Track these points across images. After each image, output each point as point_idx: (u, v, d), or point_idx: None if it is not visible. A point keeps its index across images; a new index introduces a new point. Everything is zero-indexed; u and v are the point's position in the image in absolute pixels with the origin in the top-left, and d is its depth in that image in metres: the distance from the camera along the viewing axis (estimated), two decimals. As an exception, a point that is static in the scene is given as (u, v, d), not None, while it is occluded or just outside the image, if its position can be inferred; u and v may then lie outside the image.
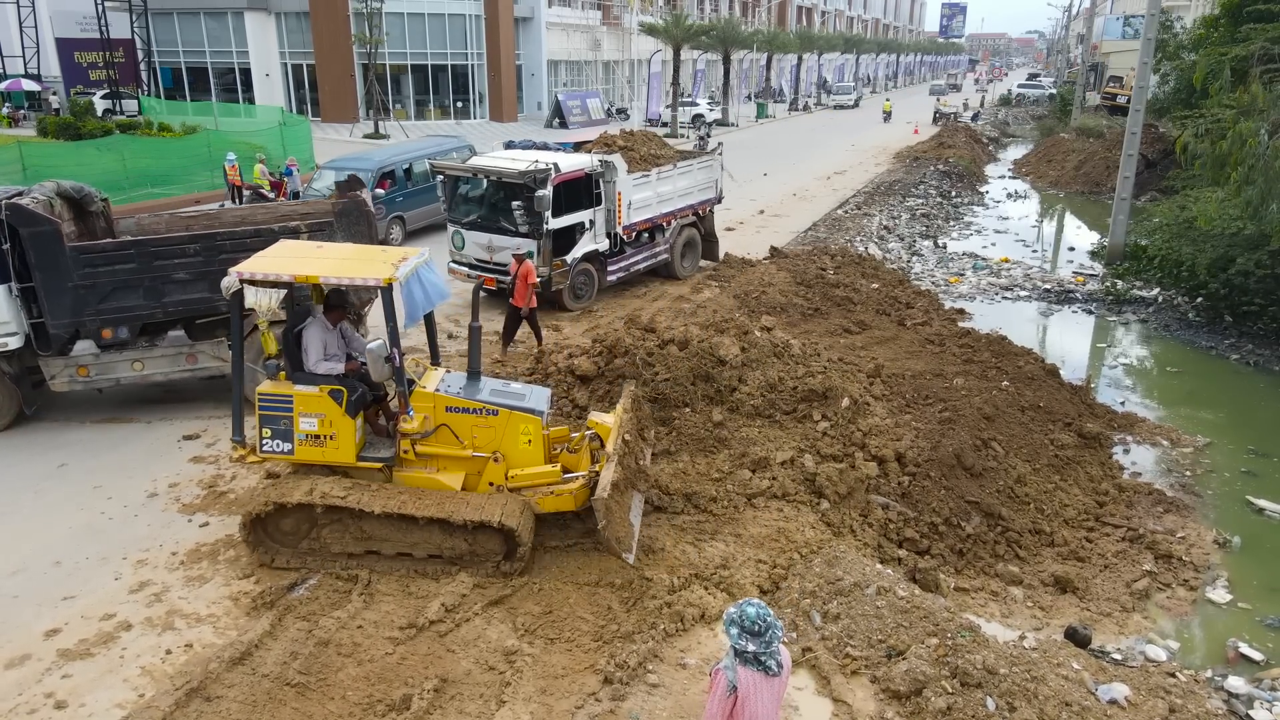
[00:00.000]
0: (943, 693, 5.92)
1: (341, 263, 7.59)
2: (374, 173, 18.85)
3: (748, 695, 4.45)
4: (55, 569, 7.51)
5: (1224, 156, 13.13)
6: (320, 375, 7.41)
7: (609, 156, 14.87)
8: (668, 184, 16.20)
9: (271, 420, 7.33)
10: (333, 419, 7.29)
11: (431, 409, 7.49)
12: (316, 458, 7.42)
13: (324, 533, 7.35)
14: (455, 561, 7.36)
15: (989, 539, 8.62)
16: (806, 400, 9.59)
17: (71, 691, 6.08)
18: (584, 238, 14.61)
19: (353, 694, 6.03)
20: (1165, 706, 6.30)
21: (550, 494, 7.59)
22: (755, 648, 4.41)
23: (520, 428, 7.58)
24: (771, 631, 4.43)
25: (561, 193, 13.84)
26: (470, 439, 7.56)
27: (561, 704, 5.96)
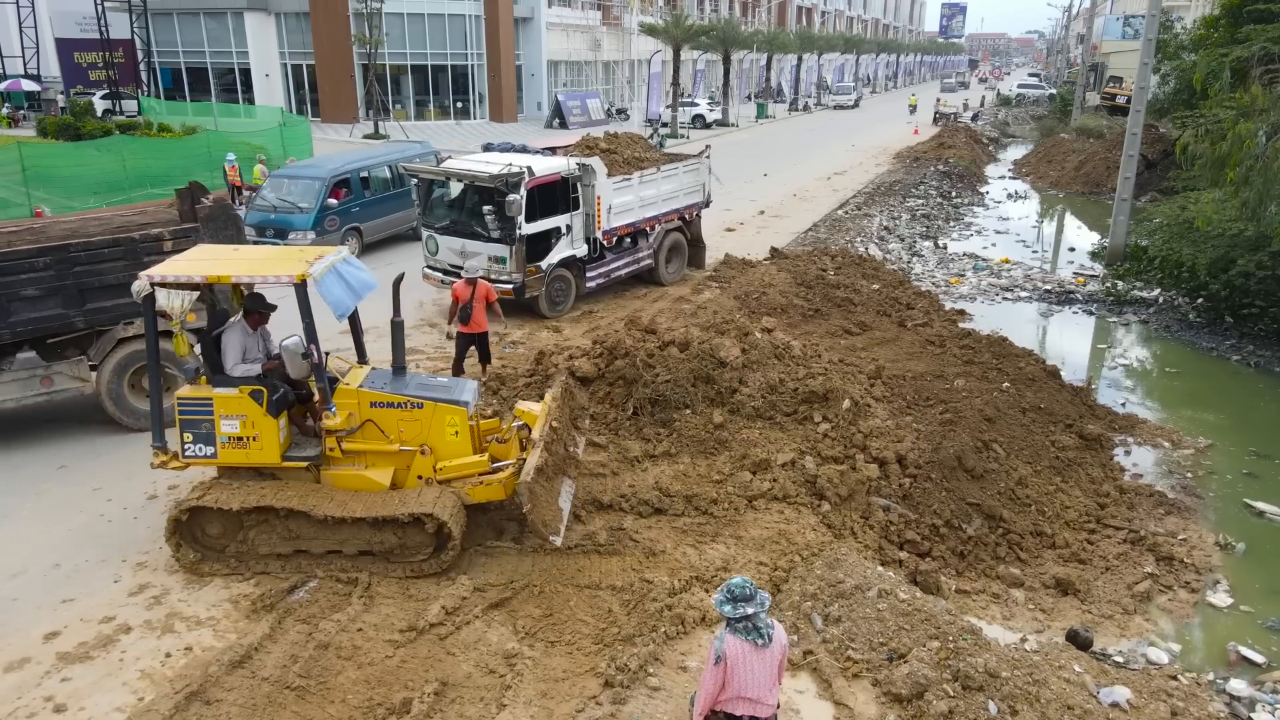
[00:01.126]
0: (944, 696, 5.91)
1: (255, 262, 7.60)
2: (325, 181, 17.64)
3: (736, 663, 4.63)
4: (55, 571, 7.49)
5: (1223, 158, 13.12)
6: (239, 377, 7.37)
7: (587, 160, 14.48)
8: (651, 188, 15.77)
9: (192, 425, 7.24)
10: (254, 420, 7.24)
11: (356, 405, 7.46)
12: (241, 460, 7.37)
13: (251, 534, 7.31)
14: (386, 557, 7.38)
15: (990, 541, 8.61)
16: (807, 402, 9.58)
17: (71, 695, 6.06)
18: (560, 243, 14.19)
19: (353, 697, 6.02)
20: (1167, 709, 6.28)
21: (480, 484, 7.69)
22: (737, 614, 4.61)
23: (446, 419, 7.62)
24: (757, 599, 4.64)
25: (535, 197, 13.45)
26: (396, 434, 7.56)
27: (562, 707, 5.95)
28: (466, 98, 47.86)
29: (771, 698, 4.77)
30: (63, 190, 22.28)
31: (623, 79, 60.03)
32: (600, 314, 14.86)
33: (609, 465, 8.96)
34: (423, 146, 21.18)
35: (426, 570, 7.34)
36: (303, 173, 18.55)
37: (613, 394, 10.02)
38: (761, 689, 4.69)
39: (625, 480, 8.63)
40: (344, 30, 42.13)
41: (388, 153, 20.36)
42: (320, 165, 18.97)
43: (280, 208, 17.59)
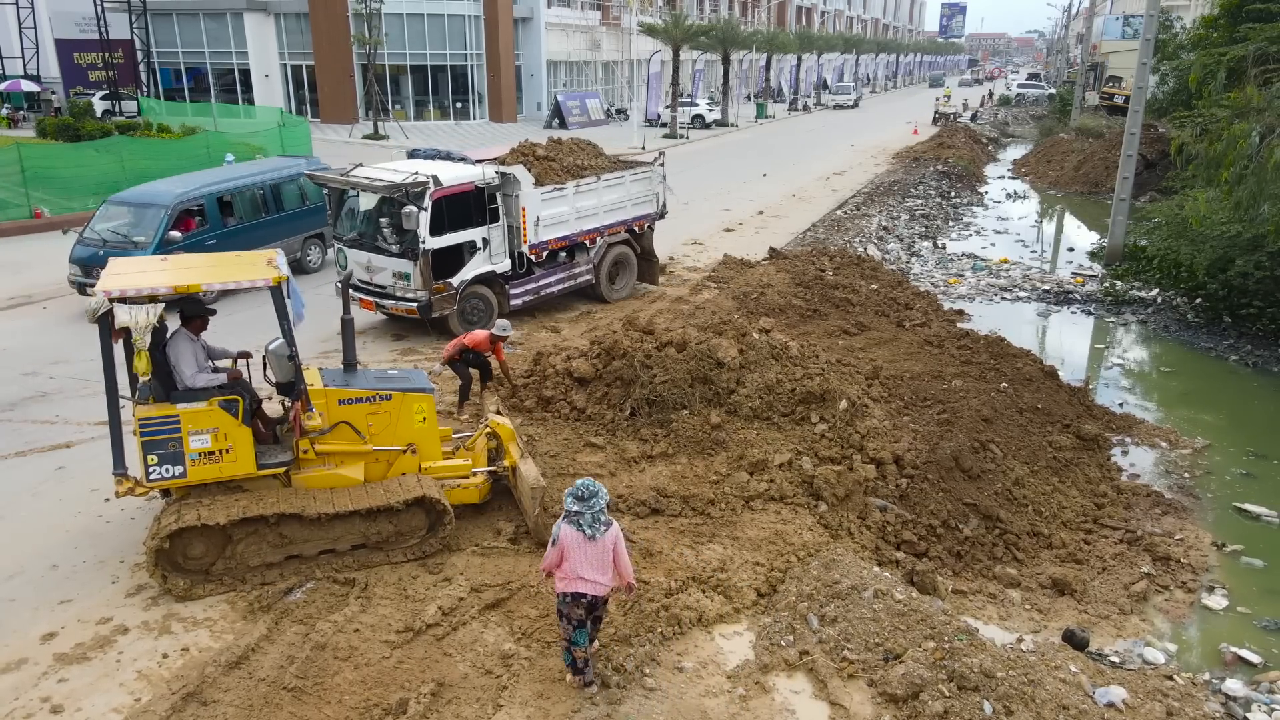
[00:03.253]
0: (940, 696, 5.92)
1: (220, 269, 7.39)
2: (168, 209, 14.57)
3: (567, 548, 5.78)
4: (52, 572, 7.50)
5: (1217, 158, 13.13)
6: (208, 388, 7.12)
7: (507, 169, 13.35)
8: (590, 198, 14.61)
9: (157, 445, 6.86)
10: (227, 431, 6.99)
11: (324, 404, 7.38)
12: (213, 475, 7.08)
13: (239, 548, 7.13)
14: (380, 547, 7.45)
15: (987, 541, 8.62)
16: (804, 403, 9.59)
17: (68, 696, 6.07)
18: (475, 258, 13.05)
19: (349, 698, 6.03)
20: (1163, 709, 6.29)
21: (458, 487, 7.86)
22: (576, 509, 5.75)
23: (414, 408, 7.72)
24: (595, 500, 5.75)
25: (444, 208, 12.39)
26: (367, 429, 7.57)
27: (558, 708, 5.95)
28: (466, 98, 47.87)
29: (604, 579, 5.84)
30: (62, 191, 22.30)
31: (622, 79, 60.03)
32: (599, 315, 14.86)
33: (606, 466, 8.98)
34: (311, 162, 18.17)
35: (428, 550, 7.49)
36: (140, 199, 15.12)
37: (610, 395, 10.03)
38: (593, 571, 5.78)
39: (622, 481, 8.64)
40: (343, 30, 42.14)
41: (259, 171, 17.20)
42: (164, 189, 15.45)
43: (111, 241, 14.40)
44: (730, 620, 6.95)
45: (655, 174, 15.96)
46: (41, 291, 15.78)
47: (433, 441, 7.92)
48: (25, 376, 11.90)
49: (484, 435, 8.40)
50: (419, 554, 7.53)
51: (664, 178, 16.15)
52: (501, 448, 8.33)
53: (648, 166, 15.92)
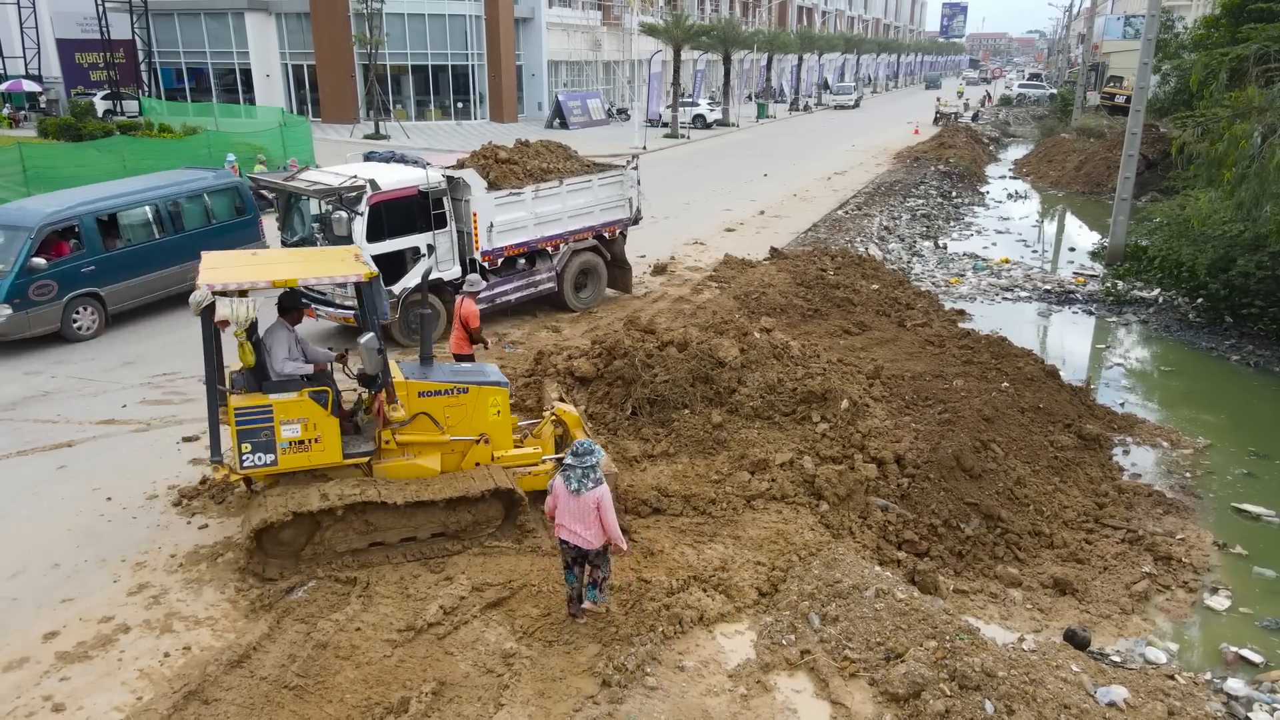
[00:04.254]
0: (941, 695, 5.92)
1: (312, 264, 7.69)
2: (32, 232, 12.72)
3: (556, 495, 6.43)
4: (54, 571, 7.50)
5: (1219, 158, 13.12)
6: (296, 380, 7.36)
7: (455, 173, 12.96)
8: (552, 203, 14.02)
9: (251, 434, 7.12)
10: (316, 421, 7.25)
11: (405, 396, 7.57)
12: (302, 463, 7.34)
13: (327, 534, 7.36)
14: (459, 536, 7.61)
15: (988, 541, 8.61)
16: (806, 402, 9.59)
17: (70, 694, 6.08)
18: (419, 265, 12.48)
19: (351, 697, 6.03)
20: (1164, 709, 6.29)
21: (528, 474, 8.02)
22: (569, 462, 6.32)
23: (489, 401, 7.90)
24: (589, 457, 6.31)
25: (383, 213, 12.02)
26: (445, 421, 7.75)
27: (559, 707, 5.96)
28: (467, 98, 47.88)
29: (586, 533, 6.34)
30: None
31: (623, 79, 60.05)
32: (599, 314, 14.86)
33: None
34: (218, 174, 16.30)
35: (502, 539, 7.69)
36: (5, 219, 13.28)
37: (611, 394, 10.03)
38: (574, 523, 6.35)
39: (624, 480, 8.63)
40: (344, 30, 42.15)
41: (154, 186, 15.00)
42: (33, 208, 13.67)
43: None
44: (731, 619, 6.95)
45: (627, 178, 15.28)
46: (43, 291, 15.76)
47: (505, 432, 8.10)
48: (27, 376, 11.91)
49: (550, 423, 8.56)
50: (494, 542, 7.70)
51: (638, 181, 15.51)
52: (568, 434, 8.42)
53: (618, 170, 15.30)
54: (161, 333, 13.67)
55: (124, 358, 12.61)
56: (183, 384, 11.66)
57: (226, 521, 8.25)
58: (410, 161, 13.18)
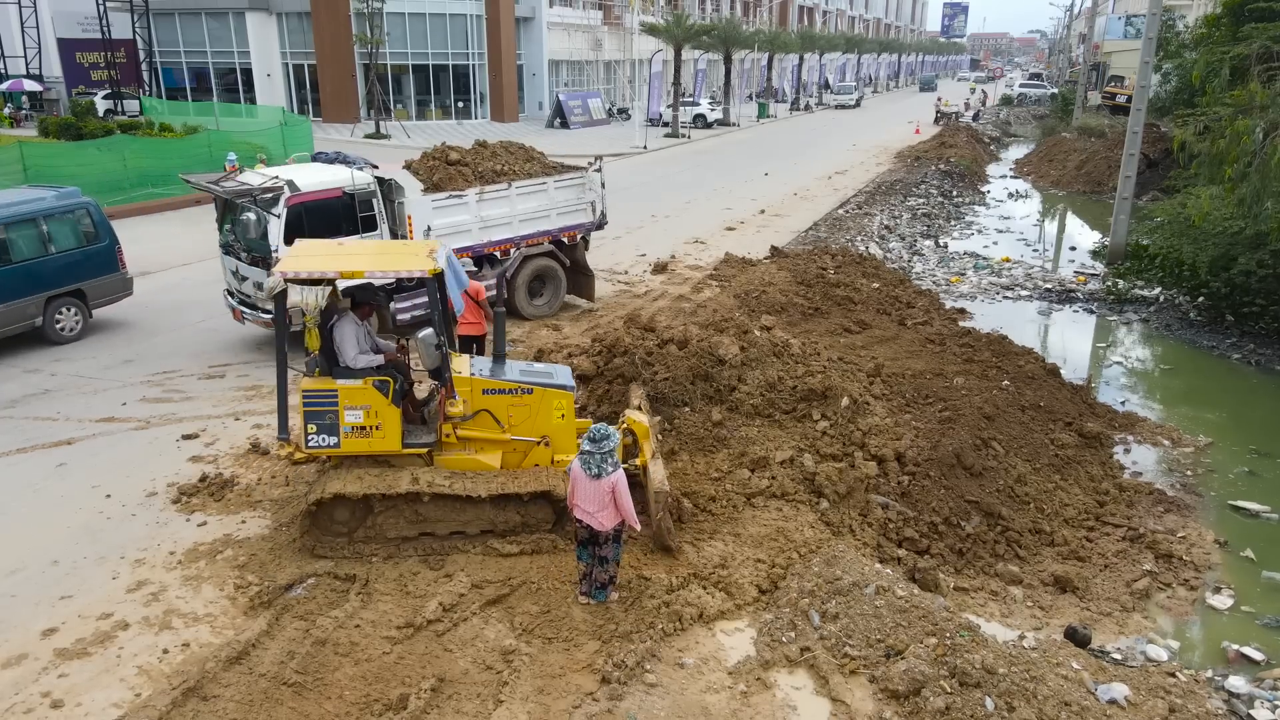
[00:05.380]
0: (941, 692, 5.90)
1: (381, 257, 7.85)
2: None
3: (574, 479, 6.62)
4: (53, 568, 7.49)
5: (1220, 154, 13.09)
6: (363, 368, 7.53)
7: (385, 175, 12.61)
8: (499, 206, 13.48)
9: (316, 416, 7.41)
10: (378, 409, 7.43)
11: (469, 392, 7.71)
12: (363, 448, 7.54)
13: (380, 519, 7.54)
14: (507, 534, 7.67)
15: (989, 538, 8.59)
16: (806, 400, 9.57)
17: (68, 691, 6.07)
18: None
19: (350, 693, 6.02)
20: (1165, 706, 6.27)
21: None
22: (587, 448, 6.50)
23: (554, 404, 7.94)
24: (606, 443, 6.50)
25: (303, 215, 11.65)
26: (507, 420, 7.83)
27: (559, 703, 5.94)
28: (468, 97, 47.90)
29: (602, 516, 6.55)
30: (63, 189, 22.32)
31: (624, 79, 60.04)
32: (600, 313, 14.85)
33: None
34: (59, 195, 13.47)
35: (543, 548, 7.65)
36: None
37: (611, 392, 10.00)
38: (591, 505, 6.55)
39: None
40: (345, 30, 42.17)
41: None
42: None
43: None
44: (731, 617, 6.94)
45: (589, 181, 14.68)
46: (43, 289, 15.75)
47: (569, 436, 8.08)
48: (27, 374, 11.91)
49: (620, 431, 8.43)
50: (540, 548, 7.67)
51: (601, 185, 14.88)
52: (637, 444, 8.38)
53: (578, 173, 14.76)
54: (163, 330, 13.66)
55: (123, 356, 12.60)
56: (182, 382, 11.66)
57: (226, 519, 8.26)
58: (353, 162, 12.83)
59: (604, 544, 6.75)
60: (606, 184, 15.13)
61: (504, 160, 14.54)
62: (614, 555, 6.88)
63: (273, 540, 7.85)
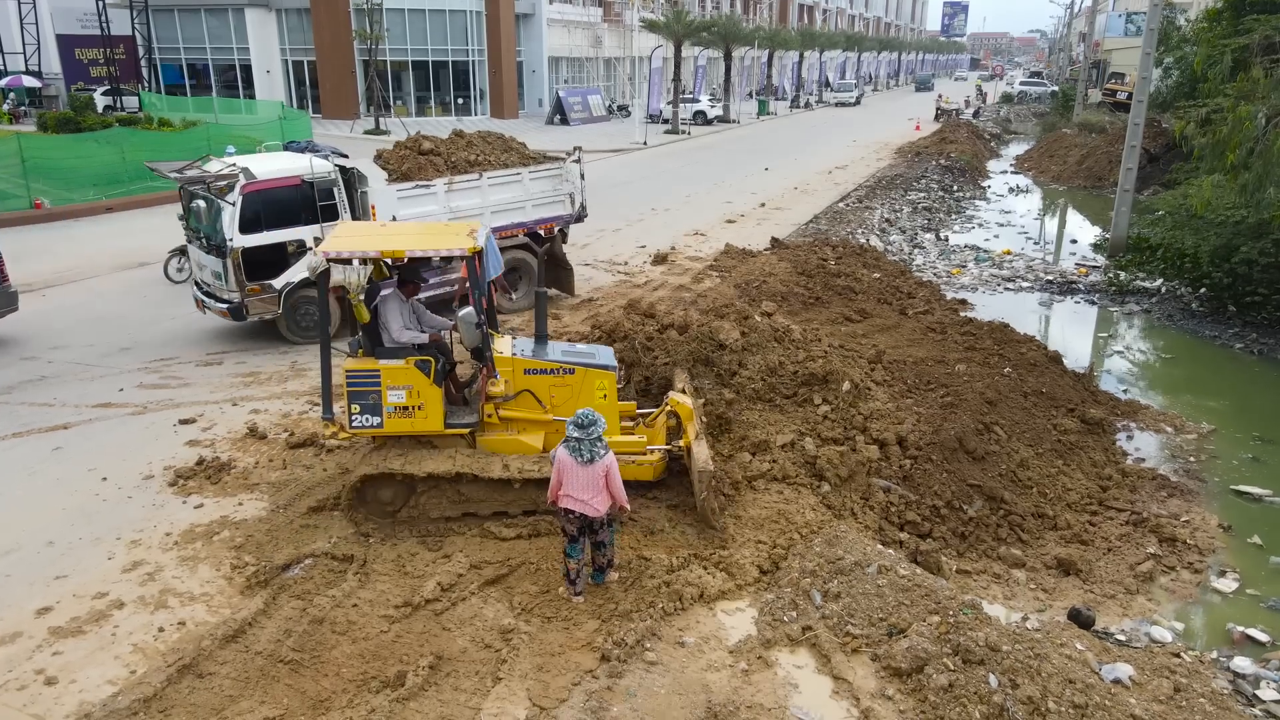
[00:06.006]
0: (945, 670, 5.84)
1: (422, 237, 7.84)
2: None
3: (562, 469, 6.42)
4: (48, 549, 7.43)
5: (1223, 141, 13.01)
6: (406, 348, 7.53)
7: (347, 163, 12.41)
8: (469, 197, 13.18)
9: (360, 396, 7.41)
10: (420, 389, 7.41)
11: (510, 372, 7.68)
12: (406, 428, 7.53)
13: (423, 499, 7.61)
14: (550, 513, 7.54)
15: (991, 522, 8.53)
16: (807, 384, 9.51)
17: (62, 668, 6.01)
18: (305, 259, 11.73)
19: (347, 671, 5.96)
20: (1170, 686, 6.20)
21: (632, 463, 7.93)
22: (575, 435, 6.34)
23: (596, 384, 7.88)
24: (593, 429, 6.33)
25: (259, 204, 11.54)
26: (549, 400, 7.79)
27: (558, 681, 5.88)
28: (468, 94, 47.83)
29: (595, 501, 6.42)
30: (62, 182, 22.28)
31: (624, 76, 59.99)
32: (600, 302, 14.79)
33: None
34: None
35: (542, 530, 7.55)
36: None
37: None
38: (584, 493, 6.38)
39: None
40: (345, 26, 42.10)
41: None
42: None
43: None
44: (732, 596, 6.87)
45: (567, 172, 14.34)
46: (41, 280, 15.73)
47: (611, 417, 8.00)
48: (24, 361, 11.85)
49: (664, 413, 8.44)
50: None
51: (581, 176, 14.56)
52: (681, 426, 8.31)
53: (555, 164, 14.41)
54: (161, 319, 13.60)
55: (121, 344, 12.54)
56: (180, 369, 11.61)
57: (223, 501, 8.20)
58: (319, 151, 12.60)
59: (599, 529, 6.65)
60: (586, 175, 14.97)
61: (479, 150, 14.23)
62: (609, 538, 6.81)
63: (270, 522, 7.80)
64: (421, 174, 13.11)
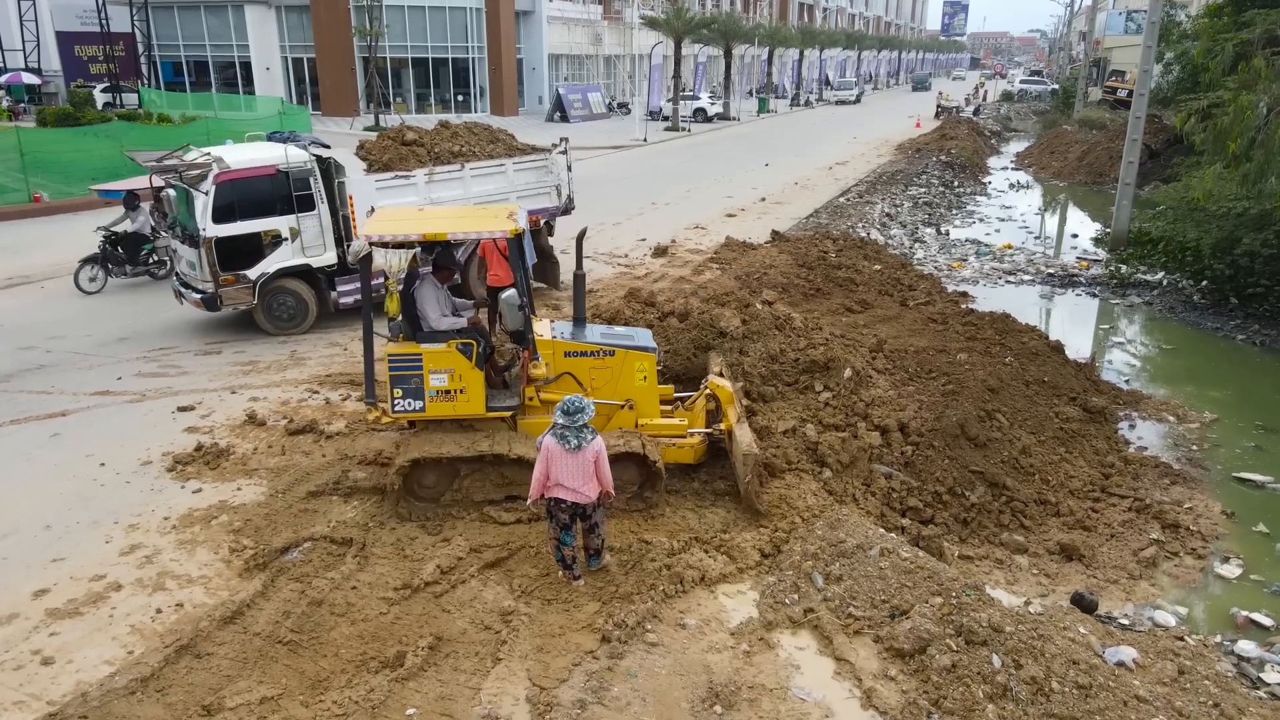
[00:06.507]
0: (947, 650, 5.80)
1: (462, 220, 7.82)
2: None
3: (550, 458, 6.27)
4: (45, 533, 7.39)
5: (1224, 132, 12.97)
6: (447, 331, 7.49)
7: (325, 152, 12.33)
8: (451, 188, 12.98)
9: (402, 380, 7.36)
10: (462, 373, 7.37)
11: (551, 355, 7.66)
12: (447, 412, 7.49)
13: (466, 483, 7.60)
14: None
15: (993, 508, 8.49)
16: (808, 371, 9.47)
17: (59, 649, 5.97)
18: (280, 249, 11.85)
19: (346, 651, 5.92)
20: (1174, 668, 6.16)
21: (673, 445, 7.92)
22: (561, 422, 6.21)
23: (636, 365, 7.85)
24: (581, 415, 6.21)
25: (232, 193, 11.45)
26: (589, 382, 7.76)
27: (558, 661, 5.84)
28: (467, 91, 47.79)
29: (586, 489, 6.31)
30: (61, 176, 22.23)
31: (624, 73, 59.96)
32: (600, 293, 14.74)
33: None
34: None
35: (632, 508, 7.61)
36: None
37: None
38: (575, 480, 6.26)
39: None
40: (344, 23, 42.07)
41: None
42: None
43: None
44: (734, 580, 6.83)
45: (552, 164, 14.15)
46: (39, 272, 15.70)
47: (651, 400, 8.02)
48: (21, 351, 11.81)
49: (704, 396, 8.43)
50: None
51: (568, 168, 14.32)
52: (720, 410, 8.28)
53: (540, 155, 14.27)
54: (161, 309, 13.54)
55: (118, 333, 12.50)
56: (178, 358, 11.57)
57: (221, 486, 8.16)
58: (298, 141, 12.55)
59: (592, 514, 6.54)
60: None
61: (465, 141, 14.06)
62: (602, 530, 6.73)
63: (268, 506, 7.76)
64: (403, 165, 12.98)
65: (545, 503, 6.45)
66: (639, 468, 7.63)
